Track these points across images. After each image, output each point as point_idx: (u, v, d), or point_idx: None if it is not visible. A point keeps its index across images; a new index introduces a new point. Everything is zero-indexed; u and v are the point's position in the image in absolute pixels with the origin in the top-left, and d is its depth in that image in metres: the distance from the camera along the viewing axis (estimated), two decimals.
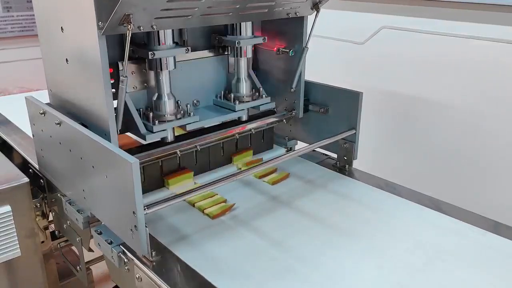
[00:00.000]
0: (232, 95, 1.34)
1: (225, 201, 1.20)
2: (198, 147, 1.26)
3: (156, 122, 1.15)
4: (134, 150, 1.18)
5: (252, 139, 1.46)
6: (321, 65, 2.13)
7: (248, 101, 1.35)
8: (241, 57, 1.33)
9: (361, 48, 2.01)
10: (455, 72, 1.68)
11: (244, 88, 1.35)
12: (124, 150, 1.15)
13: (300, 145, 1.52)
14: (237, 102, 1.32)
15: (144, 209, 0.91)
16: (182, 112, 1.21)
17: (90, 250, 1.21)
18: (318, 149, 1.47)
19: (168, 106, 1.18)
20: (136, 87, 1.21)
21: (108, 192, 0.96)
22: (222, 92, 1.37)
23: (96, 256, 1.41)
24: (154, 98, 1.19)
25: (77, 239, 1.20)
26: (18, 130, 1.61)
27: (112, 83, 1.07)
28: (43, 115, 1.13)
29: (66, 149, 1.08)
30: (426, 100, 1.79)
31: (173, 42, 1.14)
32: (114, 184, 0.93)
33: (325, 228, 1.11)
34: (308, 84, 1.42)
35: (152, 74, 1.20)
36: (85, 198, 1.08)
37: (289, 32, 1.37)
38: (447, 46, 1.68)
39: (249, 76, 1.37)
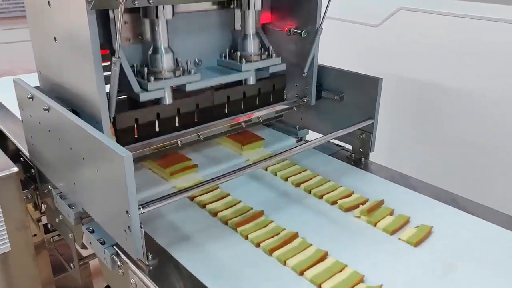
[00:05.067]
0: (238, 54, 1.20)
1: (350, 270, 0.86)
2: (200, 136, 1.14)
3: (152, 79, 1.02)
4: (129, 136, 1.07)
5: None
6: (331, 49, 2.01)
7: (256, 61, 1.21)
8: (248, 9, 1.18)
9: (375, 31, 1.88)
10: (479, 58, 1.56)
11: (252, 46, 1.21)
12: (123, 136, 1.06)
13: (312, 135, 1.41)
14: (243, 61, 1.18)
15: (139, 208, 0.81)
16: (181, 69, 1.07)
17: (83, 247, 1.12)
18: (332, 140, 1.36)
19: (166, 61, 1.04)
20: (129, 39, 1.07)
21: (100, 188, 0.86)
22: (227, 51, 1.23)
23: (92, 252, 1.32)
24: (150, 52, 1.05)
25: (70, 235, 1.11)
26: (11, 115, 1.51)
27: (107, 65, 0.97)
28: (31, 99, 1.03)
29: (55, 137, 0.98)
30: (445, 87, 1.67)
31: None
32: (105, 179, 0.83)
33: (337, 226, 1.01)
34: (321, 68, 1.30)
35: (147, 24, 1.06)
36: (76, 192, 0.98)
37: (301, 10, 1.25)
38: (471, 29, 1.56)
39: (257, 33, 1.23)
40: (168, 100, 1.06)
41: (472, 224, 1.02)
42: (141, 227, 0.81)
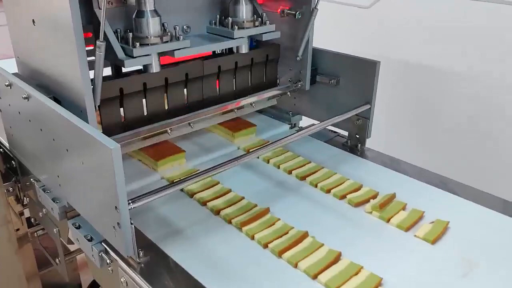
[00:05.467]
0: (230, 20, 1.12)
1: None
2: (191, 124, 1.09)
3: (137, 45, 0.93)
4: (119, 126, 1.02)
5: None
6: (319, 32, 1.96)
7: (249, 28, 1.13)
8: None
9: (366, 13, 1.83)
10: (475, 40, 1.52)
11: (244, 11, 1.13)
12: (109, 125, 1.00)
13: (305, 121, 1.37)
14: (236, 28, 1.10)
15: (129, 203, 0.75)
16: (169, 35, 0.98)
17: (69, 242, 1.06)
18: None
19: (152, 25, 0.96)
20: (112, 2, 0.99)
21: (86, 181, 0.81)
22: (218, 17, 1.15)
23: (78, 247, 1.27)
24: (134, 16, 0.97)
25: (54, 229, 1.05)
26: None
27: (90, 50, 0.91)
28: (9, 87, 0.96)
29: (36, 127, 0.92)
30: (440, 71, 1.63)
31: None
32: (91, 172, 0.77)
33: (348, 223, 0.94)
34: (316, 51, 1.25)
35: None
36: (60, 186, 0.92)
37: None
38: (467, 10, 1.51)
39: None
40: (155, 68, 0.98)
41: (489, 217, 0.96)
42: (131, 223, 0.76)
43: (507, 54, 1.44)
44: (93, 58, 0.87)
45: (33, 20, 0.90)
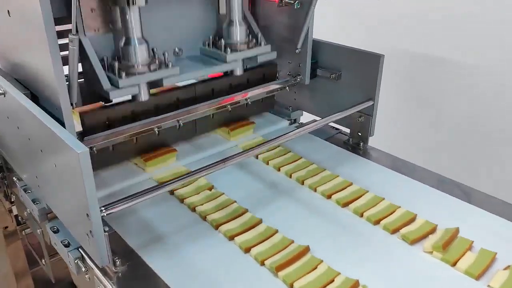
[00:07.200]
0: (223, 42, 1.06)
1: None
2: (180, 122, 1.03)
3: (123, 74, 0.88)
4: (100, 125, 0.96)
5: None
6: (324, 22, 1.88)
7: (243, 50, 1.08)
8: None
9: (374, 2, 1.74)
10: (488, 32, 1.43)
11: (238, 33, 1.07)
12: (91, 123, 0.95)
13: (306, 116, 1.30)
14: (229, 50, 1.05)
15: (101, 211, 0.70)
16: (157, 62, 0.94)
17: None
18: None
19: (139, 53, 0.90)
20: (98, 29, 0.94)
21: (59, 185, 0.76)
22: (211, 38, 1.09)
23: None
24: (122, 44, 0.92)
25: (38, 230, 1.00)
26: None
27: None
28: None
29: (14, 125, 0.87)
30: (452, 63, 1.55)
31: None
32: (63, 176, 0.72)
33: (388, 260, 0.81)
34: (316, 43, 1.18)
35: (118, 11, 0.93)
36: (39, 186, 0.87)
37: None
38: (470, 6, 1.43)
39: (244, 18, 1.09)
40: (144, 96, 0.93)
41: None
42: (105, 231, 0.70)
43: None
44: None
45: (8, 11, 0.85)
